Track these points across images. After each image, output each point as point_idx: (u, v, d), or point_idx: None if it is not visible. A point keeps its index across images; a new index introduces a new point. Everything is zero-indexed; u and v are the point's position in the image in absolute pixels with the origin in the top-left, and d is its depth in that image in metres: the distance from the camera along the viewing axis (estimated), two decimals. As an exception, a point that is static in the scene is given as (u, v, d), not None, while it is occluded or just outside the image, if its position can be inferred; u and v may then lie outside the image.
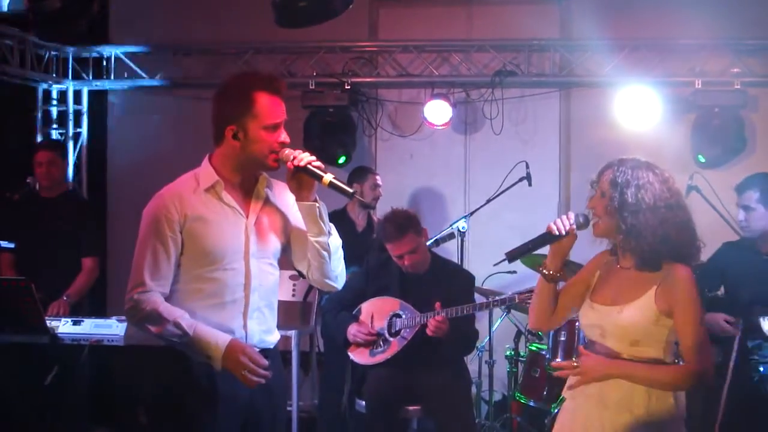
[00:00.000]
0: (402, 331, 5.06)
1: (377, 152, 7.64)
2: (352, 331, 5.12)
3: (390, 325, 5.11)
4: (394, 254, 5.08)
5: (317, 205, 3.23)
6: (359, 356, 5.19)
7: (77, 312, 5.39)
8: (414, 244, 5.03)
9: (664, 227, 3.06)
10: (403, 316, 5.08)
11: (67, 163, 6.81)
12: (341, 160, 7.19)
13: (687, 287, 3.07)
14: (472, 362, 6.24)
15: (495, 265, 3.37)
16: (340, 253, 3.38)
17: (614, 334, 3.14)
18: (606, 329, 3.16)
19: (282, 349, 3.55)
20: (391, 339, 5.09)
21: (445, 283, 5.13)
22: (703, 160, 6.82)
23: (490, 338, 6.05)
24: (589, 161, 7.00)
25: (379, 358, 5.10)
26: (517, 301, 4.97)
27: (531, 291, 4.76)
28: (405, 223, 5.05)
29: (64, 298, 5.53)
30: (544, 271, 3.27)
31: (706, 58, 6.97)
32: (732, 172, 6.76)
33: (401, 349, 5.05)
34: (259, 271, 3.27)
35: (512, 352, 6.20)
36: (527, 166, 6.11)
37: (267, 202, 3.33)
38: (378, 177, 6.76)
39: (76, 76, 7.72)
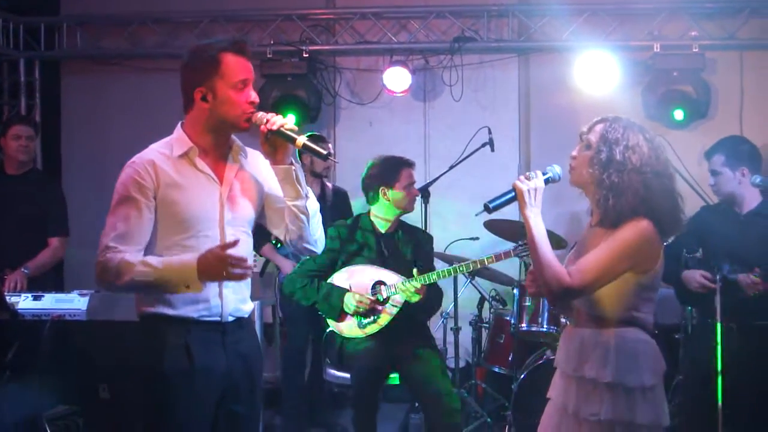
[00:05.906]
0: (391, 299, 4.96)
1: (336, 120, 7.59)
2: (354, 301, 4.90)
3: (375, 294, 4.98)
4: (409, 180, 5.10)
5: (293, 167, 3.21)
6: (346, 328, 5.01)
7: (39, 289, 5.28)
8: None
9: (648, 191, 3.04)
10: (388, 283, 4.98)
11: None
12: None
13: (629, 229, 3.03)
14: (437, 330, 6.25)
15: (477, 215, 3.35)
16: (319, 216, 3.35)
17: None
18: None
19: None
20: (380, 308, 4.97)
21: (415, 243, 5.17)
22: (681, 118, 6.81)
23: (455, 305, 6.03)
24: (549, 126, 7.14)
25: (371, 329, 4.98)
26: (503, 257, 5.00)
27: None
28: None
29: (23, 270, 5.43)
30: None
31: (664, 22, 6.99)
32: (693, 135, 6.82)
33: (393, 319, 4.97)
34: (234, 239, 3.23)
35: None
36: (489, 132, 6.07)
37: (241, 168, 3.28)
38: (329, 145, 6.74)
39: (28, 47, 7.57)
